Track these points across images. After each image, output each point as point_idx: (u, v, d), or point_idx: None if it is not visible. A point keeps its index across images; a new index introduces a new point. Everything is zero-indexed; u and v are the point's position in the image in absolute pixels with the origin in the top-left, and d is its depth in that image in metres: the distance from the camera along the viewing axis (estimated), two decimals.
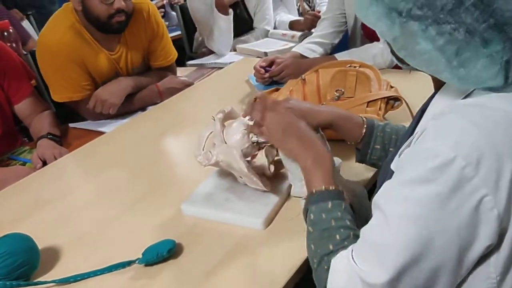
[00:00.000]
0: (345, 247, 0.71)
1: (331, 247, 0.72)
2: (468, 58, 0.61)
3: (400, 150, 0.71)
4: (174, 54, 2.01)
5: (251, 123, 0.99)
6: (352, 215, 0.79)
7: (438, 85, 0.73)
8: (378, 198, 0.66)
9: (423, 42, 0.62)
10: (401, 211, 0.61)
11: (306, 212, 0.81)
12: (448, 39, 0.60)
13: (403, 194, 0.61)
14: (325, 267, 0.71)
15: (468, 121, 0.61)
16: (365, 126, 0.99)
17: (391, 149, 0.99)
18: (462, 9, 0.59)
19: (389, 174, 0.72)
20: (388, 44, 0.70)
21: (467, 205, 0.58)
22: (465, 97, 0.66)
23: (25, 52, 2.12)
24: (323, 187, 0.80)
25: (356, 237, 0.73)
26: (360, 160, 1.03)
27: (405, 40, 0.64)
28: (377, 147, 0.99)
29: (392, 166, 0.72)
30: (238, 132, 0.99)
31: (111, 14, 1.68)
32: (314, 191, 0.80)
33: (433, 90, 0.76)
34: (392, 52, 0.72)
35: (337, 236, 0.73)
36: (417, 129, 0.71)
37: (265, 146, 1.00)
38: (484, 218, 0.58)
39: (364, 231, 0.67)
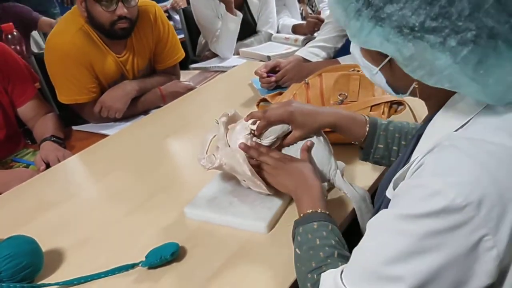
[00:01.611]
0: (328, 265, 0.71)
1: (313, 264, 0.73)
2: (493, 65, 0.56)
3: (395, 177, 0.68)
4: (180, 53, 2.01)
5: (253, 126, 0.99)
6: (340, 237, 0.79)
7: (434, 109, 0.70)
8: (373, 224, 0.64)
9: (443, 56, 0.57)
10: (395, 244, 0.58)
11: (294, 236, 0.82)
12: (470, 48, 0.56)
13: (399, 227, 0.59)
14: (308, 284, 0.71)
15: (470, 157, 0.57)
16: (367, 125, 0.99)
17: (394, 147, 0.98)
18: (481, 13, 0.54)
19: (385, 200, 0.70)
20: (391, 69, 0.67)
21: (466, 243, 0.55)
22: (463, 126, 0.63)
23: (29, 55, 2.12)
24: (310, 210, 0.83)
25: (341, 256, 0.74)
26: (363, 158, 1.03)
27: (422, 57, 0.59)
28: (380, 146, 0.99)
29: (388, 194, 0.69)
30: (241, 137, 0.99)
31: (114, 21, 1.68)
32: (301, 215, 0.83)
33: None
34: (392, 81, 0.69)
35: (321, 254, 0.74)
36: (413, 156, 0.68)
37: None
38: (482, 257, 0.56)
39: (355, 253, 0.65)
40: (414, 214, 0.57)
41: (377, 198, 0.82)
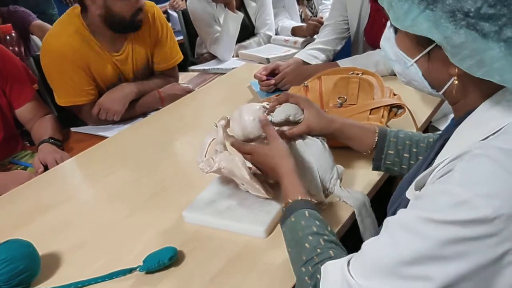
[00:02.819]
0: (319, 255, 0.70)
1: (303, 257, 0.72)
2: None
3: (418, 179, 0.67)
4: (179, 56, 2.00)
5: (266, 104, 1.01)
6: (320, 218, 0.78)
7: (463, 112, 0.67)
8: (393, 222, 0.63)
9: (496, 47, 0.54)
10: (414, 246, 0.57)
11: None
12: None
13: (420, 230, 0.57)
14: (306, 277, 0.71)
15: (502, 168, 0.55)
16: (377, 132, 0.99)
17: (405, 154, 0.98)
18: None
19: (404, 201, 0.69)
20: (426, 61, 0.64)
21: (490, 255, 0.54)
22: (494, 133, 0.60)
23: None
24: (283, 204, 0.84)
25: (328, 242, 0.73)
26: (375, 167, 1.02)
27: (473, 46, 0.55)
28: (391, 152, 0.98)
29: (408, 195, 0.68)
30: (252, 110, 0.99)
31: (134, 12, 1.70)
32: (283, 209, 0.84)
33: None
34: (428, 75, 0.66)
35: (307, 245, 0.73)
36: (439, 159, 0.66)
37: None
38: (504, 272, 0.55)
39: (368, 247, 0.64)
40: (438, 220, 0.56)
41: (393, 199, 0.80)
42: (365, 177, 1.09)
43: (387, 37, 0.71)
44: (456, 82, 0.64)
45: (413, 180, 0.71)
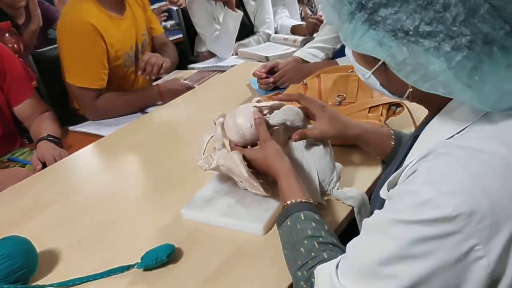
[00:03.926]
0: (313, 259, 0.72)
1: (299, 262, 0.74)
2: (488, 71, 0.55)
3: (389, 180, 0.68)
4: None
5: (264, 104, 0.99)
6: (316, 219, 0.79)
7: (432, 112, 0.70)
8: (368, 224, 0.65)
9: (437, 61, 0.56)
10: (386, 246, 0.59)
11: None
12: (465, 53, 0.55)
13: (390, 231, 0.59)
14: (301, 282, 0.72)
15: (463, 167, 0.57)
16: (393, 137, 0.99)
17: None
18: (476, 18, 0.53)
19: (380, 200, 0.70)
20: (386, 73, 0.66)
21: (455, 252, 0.55)
22: (459, 132, 0.62)
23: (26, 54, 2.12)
24: (282, 206, 0.85)
25: (323, 244, 0.74)
26: None
27: (416, 61, 0.58)
28: None
29: (382, 194, 0.69)
30: (249, 108, 0.98)
31: None
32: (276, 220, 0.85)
33: None
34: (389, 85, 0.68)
35: (302, 249, 0.75)
36: (408, 160, 0.68)
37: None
38: (472, 266, 0.56)
39: (350, 249, 0.66)
40: (405, 220, 0.58)
41: (374, 199, 0.82)
42: (364, 174, 1.08)
43: (348, 50, 0.72)
44: (411, 90, 0.66)
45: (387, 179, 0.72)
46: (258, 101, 1.02)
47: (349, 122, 1.02)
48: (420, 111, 1.40)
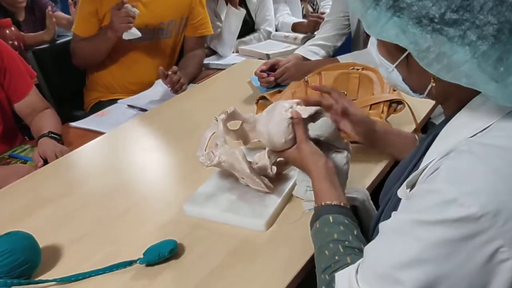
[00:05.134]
0: (336, 263, 0.70)
1: (322, 265, 0.73)
2: None
3: (408, 179, 0.66)
4: None
5: (295, 107, 0.93)
6: (345, 223, 0.77)
7: (452, 110, 0.68)
8: (387, 226, 0.63)
9: (461, 50, 0.55)
10: (409, 249, 0.57)
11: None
12: (491, 42, 0.53)
13: (413, 233, 0.58)
14: (323, 286, 0.71)
15: (487, 166, 0.55)
16: (417, 140, 0.99)
17: None
18: (504, 7, 0.52)
19: (395, 199, 0.69)
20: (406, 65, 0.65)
21: (480, 254, 0.54)
22: (482, 131, 0.60)
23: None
24: (315, 206, 0.83)
25: (349, 248, 0.72)
26: None
27: (439, 50, 0.56)
28: None
29: (400, 194, 0.67)
30: (283, 121, 0.92)
31: None
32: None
33: None
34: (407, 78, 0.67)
35: (326, 252, 0.73)
36: (428, 158, 0.66)
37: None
38: (497, 269, 0.54)
39: (368, 253, 0.64)
40: (428, 221, 0.56)
41: (382, 195, 0.80)
42: (365, 171, 1.09)
43: (372, 42, 0.72)
44: (433, 84, 0.65)
45: (402, 176, 0.71)
46: (297, 104, 0.94)
47: (375, 120, 1.02)
48: (420, 109, 1.40)
